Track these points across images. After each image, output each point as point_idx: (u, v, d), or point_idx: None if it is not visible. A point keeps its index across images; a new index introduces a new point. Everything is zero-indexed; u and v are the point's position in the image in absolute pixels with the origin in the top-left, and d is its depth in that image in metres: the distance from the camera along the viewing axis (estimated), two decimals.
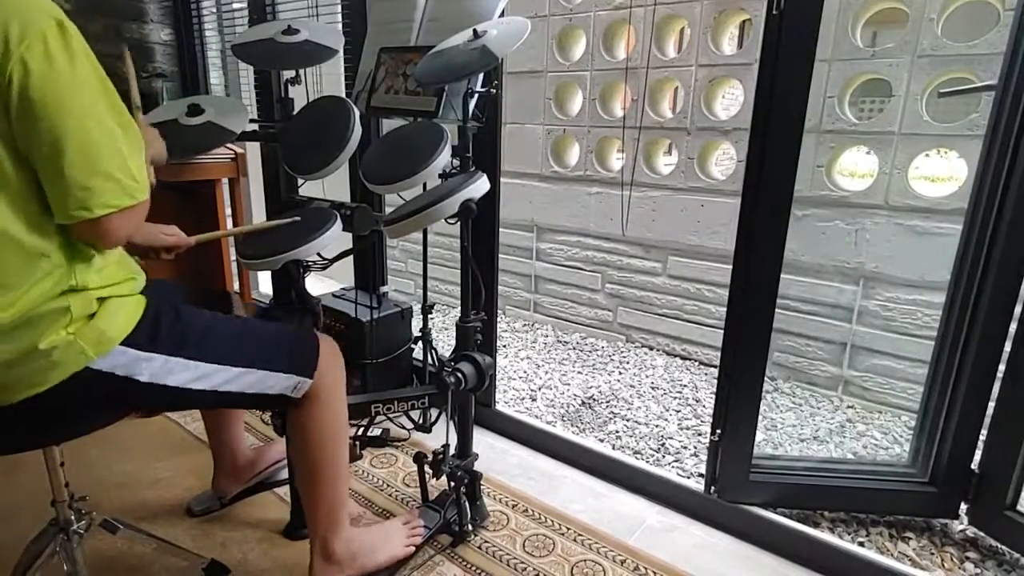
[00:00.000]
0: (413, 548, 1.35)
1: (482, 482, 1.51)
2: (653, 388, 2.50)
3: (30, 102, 0.78)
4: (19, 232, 0.82)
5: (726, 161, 3.16)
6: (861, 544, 1.51)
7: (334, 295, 2.12)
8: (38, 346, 0.85)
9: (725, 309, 1.46)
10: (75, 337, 0.87)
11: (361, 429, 1.83)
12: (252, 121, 1.43)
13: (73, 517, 1.16)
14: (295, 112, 1.46)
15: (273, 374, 1.06)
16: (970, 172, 1.88)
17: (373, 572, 1.27)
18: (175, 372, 0.97)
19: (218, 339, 1.03)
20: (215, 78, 2.83)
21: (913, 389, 2.20)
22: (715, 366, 2.38)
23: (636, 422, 2.20)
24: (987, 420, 1.41)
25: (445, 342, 2.88)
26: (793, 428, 2.19)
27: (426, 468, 1.42)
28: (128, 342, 0.92)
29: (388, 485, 1.67)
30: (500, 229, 1.81)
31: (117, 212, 0.85)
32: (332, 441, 1.18)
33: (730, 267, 1.42)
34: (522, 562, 1.38)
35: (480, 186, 1.27)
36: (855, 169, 4.70)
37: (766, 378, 1.47)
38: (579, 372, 2.64)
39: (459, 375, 1.33)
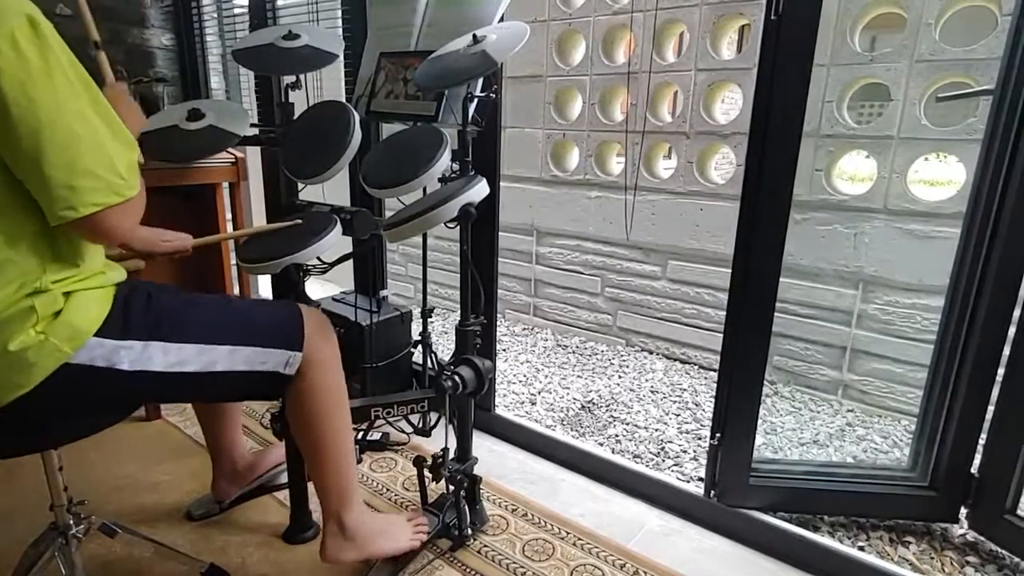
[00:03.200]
0: (419, 543, 1.35)
1: (481, 486, 1.51)
2: (653, 392, 2.50)
3: (3, 102, 0.77)
4: None
5: (725, 165, 3.17)
6: (861, 548, 1.51)
7: (334, 299, 2.12)
8: (8, 348, 0.84)
9: (724, 313, 1.46)
10: (46, 336, 0.86)
11: (361, 433, 1.83)
12: (252, 125, 1.43)
13: (72, 521, 1.16)
14: (295, 117, 1.47)
15: (261, 350, 1.05)
16: (969, 176, 1.88)
17: (389, 559, 1.27)
18: (156, 356, 0.96)
19: (198, 319, 1.02)
20: (215, 83, 2.84)
21: (913, 393, 2.20)
22: (715, 370, 2.37)
23: (636, 426, 2.20)
24: (986, 424, 1.41)
25: (445, 346, 2.88)
26: (793, 432, 2.19)
27: (426, 472, 1.42)
28: (102, 332, 0.91)
29: (387, 489, 1.66)
30: (500, 233, 1.81)
31: (107, 209, 0.84)
32: (333, 413, 1.17)
33: (729, 271, 1.42)
34: (521, 566, 1.38)
35: (480, 190, 1.27)
36: (854, 173, 4.70)
37: (765, 382, 1.47)
38: (579, 376, 2.64)
39: (458, 379, 1.34)
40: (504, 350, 2.93)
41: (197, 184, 1.88)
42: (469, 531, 1.42)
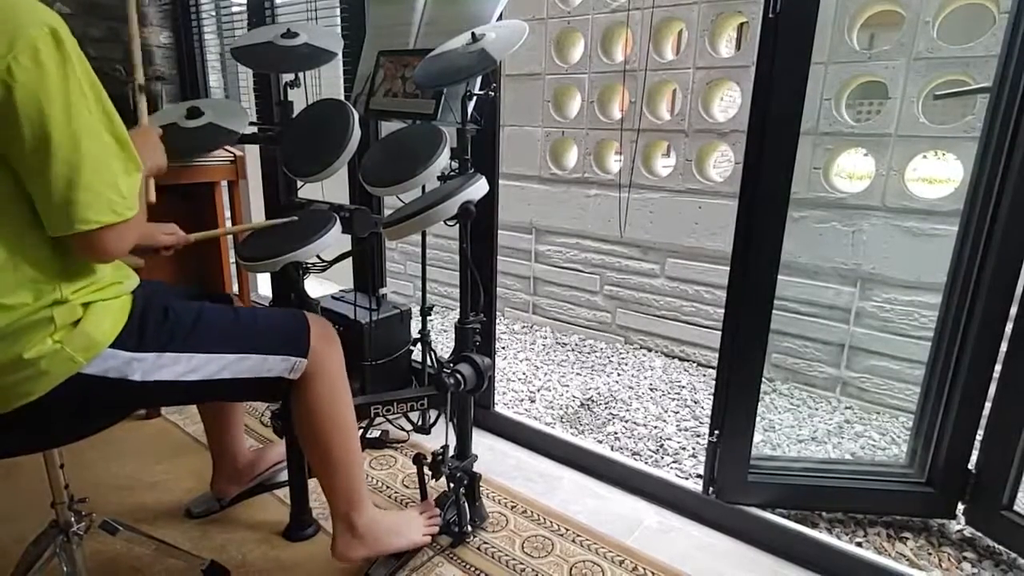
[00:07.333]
0: (430, 537, 1.36)
1: (481, 483, 1.51)
2: (651, 389, 2.50)
3: (14, 111, 0.76)
4: None
5: (724, 163, 3.18)
6: (859, 544, 1.51)
7: (333, 297, 2.12)
8: (23, 356, 0.84)
9: (723, 310, 1.46)
10: (62, 345, 0.87)
11: (360, 431, 1.83)
12: (251, 124, 1.43)
13: (73, 519, 1.16)
14: (294, 115, 1.47)
15: (268, 357, 1.06)
16: (966, 173, 1.89)
17: (392, 555, 1.29)
18: (167, 366, 0.97)
19: (208, 329, 1.03)
20: (214, 81, 2.83)
21: (910, 390, 2.21)
22: (713, 367, 2.38)
23: (635, 423, 2.21)
24: (983, 421, 1.42)
25: (444, 344, 2.89)
26: (791, 429, 2.19)
27: (425, 469, 1.43)
28: (117, 344, 0.92)
29: (387, 486, 1.67)
30: (499, 231, 1.82)
31: (103, 228, 0.83)
32: (338, 418, 1.18)
33: (728, 269, 1.43)
34: (521, 563, 1.38)
35: (479, 188, 1.27)
36: (852, 171, 4.71)
37: (764, 379, 1.48)
38: (578, 374, 2.65)
39: (458, 376, 1.34)
40: (503, 348, 2.94)
41: (196, 182, 1.88)
42: (469, 528, 1.43)
